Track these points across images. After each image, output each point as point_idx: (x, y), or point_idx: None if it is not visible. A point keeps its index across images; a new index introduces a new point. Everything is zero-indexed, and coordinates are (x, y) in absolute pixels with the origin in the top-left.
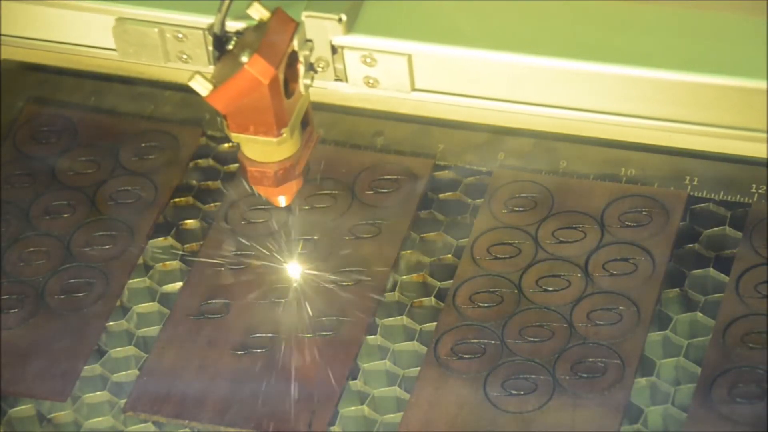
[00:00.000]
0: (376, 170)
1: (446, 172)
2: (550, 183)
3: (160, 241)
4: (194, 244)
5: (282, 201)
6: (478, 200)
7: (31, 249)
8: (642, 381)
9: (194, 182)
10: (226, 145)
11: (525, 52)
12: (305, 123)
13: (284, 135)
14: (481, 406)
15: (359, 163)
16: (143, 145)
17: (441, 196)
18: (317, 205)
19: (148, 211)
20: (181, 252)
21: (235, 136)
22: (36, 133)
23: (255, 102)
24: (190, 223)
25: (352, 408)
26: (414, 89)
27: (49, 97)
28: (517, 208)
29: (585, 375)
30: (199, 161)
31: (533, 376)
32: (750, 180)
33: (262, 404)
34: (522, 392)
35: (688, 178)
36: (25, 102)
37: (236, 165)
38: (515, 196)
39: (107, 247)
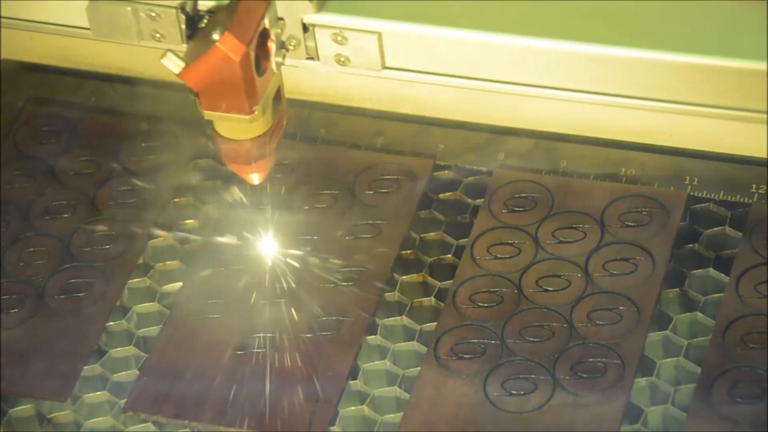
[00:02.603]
0: (376, 170)
1: (446, 172)
2: (550, 183)
3: (159, 241)
4: (194, 244)
5: (255, 179)
6: (478, 200)
7: (31, 249)
8: (642, 381)
9: (194, 182)
10: None
11: (496, 31)
12: (277, 102)
13: (256, 113)
14: (481, 406)
15: (359, 163)
16: (143, 145)
17: (441, 196)
18: (317, 205)
19: (148, 211)
20: (181, 252)
21: (207, 113)
22: (36, 133)
23: (226, 79)
24: (190, 223)
25: (352, 408)
26: (384, 67)
27: (49, 97)
28: (517, 208)
29: (585, 375)
30: (199, 161)
31: (533, 376)
32: (750, 180)
33: (262, 404)
34: (522, 392)
35: (688, 178)
36: (25, 102)
37: None
38: (515, 196)
39: (107, 247)
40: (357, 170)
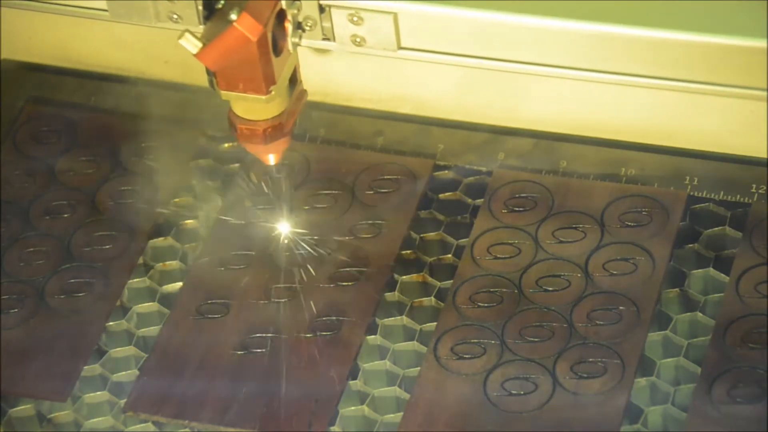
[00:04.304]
0: (376, 170)
1: (446, 172)
2: (550, 183)
3: (160, 241)
4: (194, 243)
5: (271, 159)
6: (478, 200)
7: (31, 249)
8: (642, 381)
9: (194, 182)
10: (226, 144)
11: (511, 11)
12: (294, 82)
13: (273, 93)
14: (481, 406)
15: (359, 163)
16: (143, 145)
17: (441, 196)
18: (317, 205)
19: (148, 211)
20: (181, 252)
21: (224, 93)
22: (36, 133)
23: (244, 59)
24: (190, 223)
25: (352, 408)
26: (400, 47)
27: (49, 97)
28: (517, 208)
29: (585, 375)
30: (199, 161)
31: (533, 376)
32: (750, 180)
33: (262, 404)
34: (522, 392)
35: (688, 178)
36: (25, 102)
37: (236, 165)
38: (515, 196)
39: (107, 247)
40: (357, 170)
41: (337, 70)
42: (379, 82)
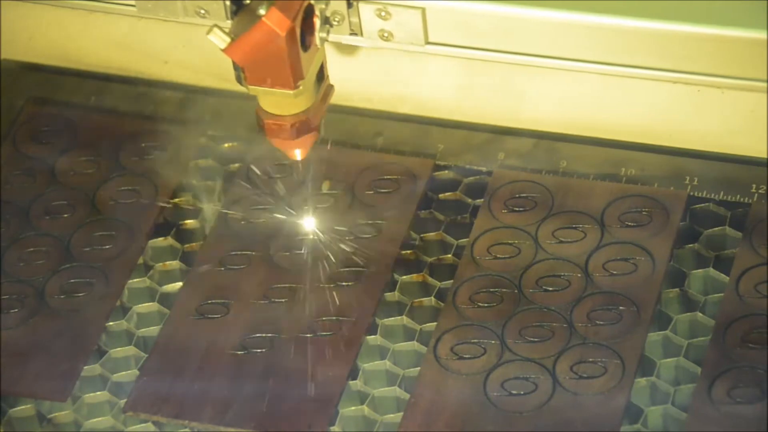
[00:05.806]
0: (376, 170)
1: (446, 172)
2: (550, 183)
3: (160, 241)
4: (194, 244)
5: (298, 154)
6: (478, 200)
7: (31, 249)
8: (642, 381)
9: (194, 182)
10: (226, 144)
11: (538, 6)
12: (320, 77)
13: (301, 88)
14: (481, 406)
15: (359, 163)
16: (143, 145)
17: (441, 196)
18: (317, 205)
19: (148, 211)
20: (181, 252)
21: (252, 88)
22: (36, 133)
23: (272, 54)
24: (190, 223)
25: (352, 408)
26: (428, 42)
27: (49, 97)
28: (517, 208)
29: (585, 375)
30: (199, 161)
31: (533, 376)
32: (750, 180)
33: (262, 404)
34: (522, 392)
35: (688, 178)
36: (25, 102)
37: (236, 165)
38: (515, 196)
39: (107, 247)
40: (357, 170)
41: (338, 70)
42: (379, 82)
